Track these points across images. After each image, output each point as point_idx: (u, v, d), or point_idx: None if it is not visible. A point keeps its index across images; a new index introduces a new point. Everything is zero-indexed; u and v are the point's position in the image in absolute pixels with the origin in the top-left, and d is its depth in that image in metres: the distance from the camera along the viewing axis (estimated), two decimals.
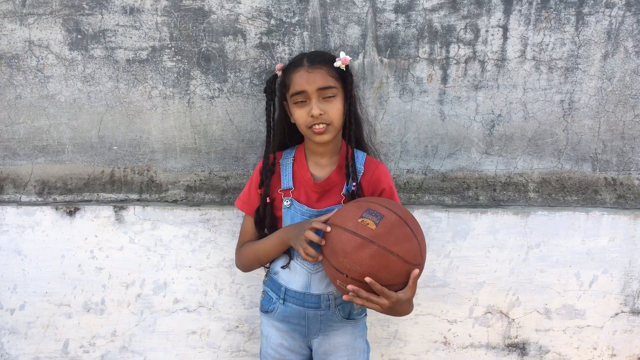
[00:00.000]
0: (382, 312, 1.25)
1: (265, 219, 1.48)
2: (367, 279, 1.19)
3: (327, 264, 1.28)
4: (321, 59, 1.40)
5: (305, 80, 1.35)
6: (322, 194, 1.44)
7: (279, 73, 1.47)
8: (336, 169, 1.45)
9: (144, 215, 1.80)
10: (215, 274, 1.84)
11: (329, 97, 1.36)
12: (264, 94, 1.50)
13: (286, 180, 1.46)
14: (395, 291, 1.23)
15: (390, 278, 1.22)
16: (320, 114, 1.34)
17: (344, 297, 1.24)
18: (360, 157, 1.48)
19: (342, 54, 1.39)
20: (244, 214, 1.56)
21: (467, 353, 1.90)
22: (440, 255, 1.83)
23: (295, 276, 1.44)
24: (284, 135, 1.53)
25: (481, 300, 1.86)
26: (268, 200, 1.46)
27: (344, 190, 1.43)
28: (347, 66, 1.40)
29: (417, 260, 1.25)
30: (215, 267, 1.83)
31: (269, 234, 1.47)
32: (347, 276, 1.22)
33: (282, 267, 1.47)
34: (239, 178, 1.84)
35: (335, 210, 1.32)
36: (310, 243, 1.28)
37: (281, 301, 1.46)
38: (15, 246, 1.82)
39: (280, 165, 1.49)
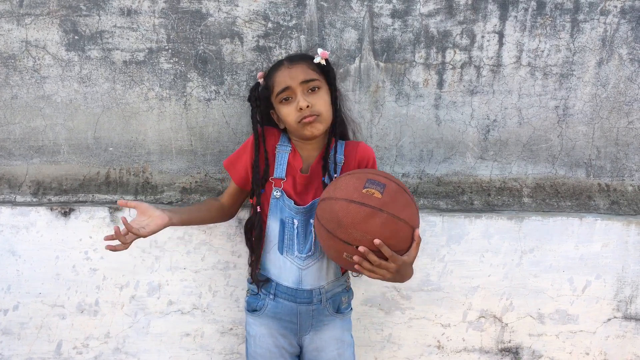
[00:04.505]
0: (386, 279, 1.26)
1: (254, 230, 1.47)
2: (377, 241, 1.19)
3: (332, 239, 1.25)
4: (300, 56, 1.44)
5: (288, 76, 1.37)
6: (306, 185, 1.45)
7: (261, 80, 1.47)
8: (317, 159, 1.46)
9: None
10: (209, 276, 1.84)
11: (314, 89, 1.38)
12: (249, 103, 1.49)
13: (280, 170, 1.45)
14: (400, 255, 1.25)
15: (398, 244, 1.24)
16: (308, 106, 1.35)
17: (355, 261, 1.22)
18: (340, 147, 1.48)
19: (320, 50, 1.41)
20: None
21: (460, 357, 1.91)
22: (435, 259, 1.83)
23: (286, 272, 1.44)
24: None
25: (475, 304, 1.87)
26: (259, 210, 1.45)
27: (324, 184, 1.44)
28: (327, 60, 1.42)
29: (417, 223, 1.30)
30: (210, 269, 1.83)
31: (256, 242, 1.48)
32: (356, 247, 1.22)
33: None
34: None
35: (330, 185, 1.32)
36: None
37: (271, 297, 1.45)
38: (9, 246, 1.82)
39: (276, 151, 1.47)
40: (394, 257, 1.22)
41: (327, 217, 1.26)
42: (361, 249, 1.21)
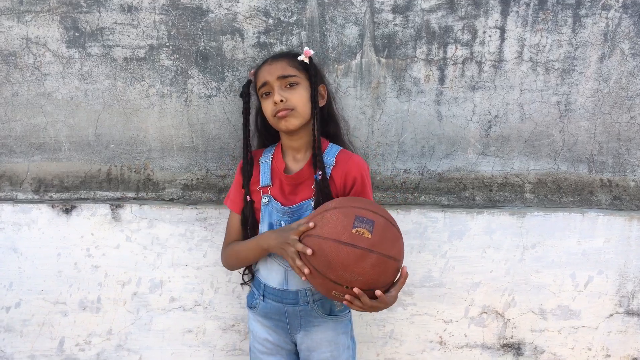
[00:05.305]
0: (371, 311, 1.29)
1: (249, 220, 1.50)
2: (378, 293, 1.22)
3: (321, 278, 1.25)
4: (283, 54, 1.50)
5: (267, 71, 1.42)
6: (294, 186, 1.46)
7: (252, 78, 1.52)
8: (308, 161, 1.46)
9: (140, 214, 1.80)
10: (211, 273, 1.84)
11: (291, 85, 1.41)
12: (240, 98, 1.53)
13: (265, 178, 1.49)
14: (387, 288, 1.28)
15: (386, 280, 1.26)
16: (282, 101, 1.37)
17: (347, 299, 1.24)
18: (333, 150, 1.48)
19: (305, 48, 1.44)
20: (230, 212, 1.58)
21: (462, 353, 1.91)
22: (437, 256, 1.83)
23: (272, 273, 1.45)
24: (262, 137, 1.59)
25: (477, 300, 1.86)
26: (248, 199, 1.49)
27: (313, 184, 1.43)
28: (310, 59, 1.44)
29: (403, 256, 1.31)
30: (212, 265, 1.83)
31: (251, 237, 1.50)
32: (347, 287, 1.22)
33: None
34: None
35: (316, 218, 1.29)
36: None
37: (261, 297, 1.48)
38: (11, 244, 1.82)
39: (260, 163, 1.52)
40: (383, 297, 1.24)
41: (316, 256, 1.24)
42: (356, 290, 1.22)
